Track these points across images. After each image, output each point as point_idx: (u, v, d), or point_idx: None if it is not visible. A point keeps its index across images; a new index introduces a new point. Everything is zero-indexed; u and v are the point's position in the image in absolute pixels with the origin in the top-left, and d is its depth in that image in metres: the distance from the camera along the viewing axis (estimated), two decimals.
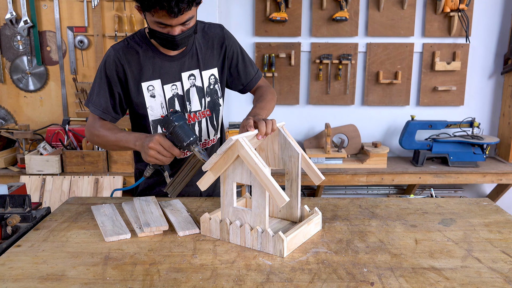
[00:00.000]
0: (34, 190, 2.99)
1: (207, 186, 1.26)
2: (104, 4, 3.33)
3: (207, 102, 1.63)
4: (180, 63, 1.56)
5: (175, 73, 1.56)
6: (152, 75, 1.54)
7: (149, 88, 1.54)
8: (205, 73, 1.61)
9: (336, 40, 3.38)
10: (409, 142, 3.29)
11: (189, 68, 1.58)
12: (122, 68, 1.52)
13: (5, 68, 3.42)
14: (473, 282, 1.02)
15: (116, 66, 1.51)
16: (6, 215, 1.34)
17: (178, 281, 1.03)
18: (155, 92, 1.55)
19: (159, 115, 1.58)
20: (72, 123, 3.37)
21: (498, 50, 3.43)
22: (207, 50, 1.61)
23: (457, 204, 1.54)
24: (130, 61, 1.52)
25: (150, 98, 1.55)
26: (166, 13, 1.31)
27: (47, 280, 1.03)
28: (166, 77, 1.55)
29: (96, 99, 1.55)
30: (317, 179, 1.34)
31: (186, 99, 1.59)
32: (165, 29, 1.39)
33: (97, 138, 1.54)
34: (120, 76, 1.53)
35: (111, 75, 1.52)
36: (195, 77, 1.59)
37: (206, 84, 1.61)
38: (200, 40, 1.60)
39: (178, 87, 1.57)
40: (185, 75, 1.58)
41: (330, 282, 1.02)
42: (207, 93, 1.62)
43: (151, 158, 1.35)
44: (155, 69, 1.54)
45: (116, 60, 1.51)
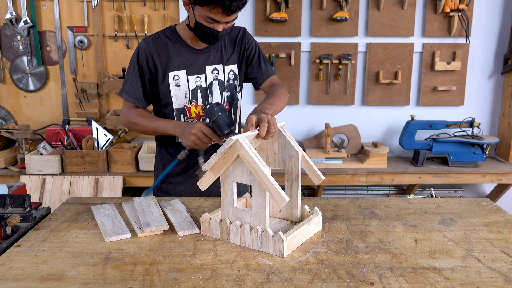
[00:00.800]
0: (34, 190, 2.99)
1: (207, 186, 1.26)
2: (104, 4, 3.34)
3: (227, 96, 1.75)
4: (205, 57, 1.69)
5: (200, 65, 1.69)
6: (179, 66, 1.66)
7: (175, 78, 1.67)
8: (227, 68, 1.73)
9: (336, 40, 3.38)
10: (409, 142, 3.29)
11: (213, 62, 1.71)
12: (152, 58, 1.64)
13: (5, 68, 3.42)
14: (473, 282, 1.02)
15: (146, 56, 1.64)
16: (6, 215, 1.34)
17: (178, 281, 1.03)
18: (180, 82, 1.67)
19: (183, 104, 1.70)
20: (72, 123, 3.37)
21: (498, 50, 3.43)
22: (229, 47, 1.74)
23: (457, 204, 1.54)
24: (159, 52, 1.65)
25: (175, 87, 1.67)
26: (222, 10, 1.45)
27: (47, 280, 1.03)
28: (191, 68, 1.68)
29: (129, 88, 1.67)
30: (317, 179, 1.34)
31: (209, 91, 1.71)
32: (211, 24, 1.51)
33: (135, 126, 1.69)
34: (150, 66, 1.65)
35: (142, 65, 1.65)
36: (218, 71, 1.72)
37: (227, 79, 1.74)
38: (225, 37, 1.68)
39: (202, 80, 1.70)
40: (209, 68, 1.71)
41: (330, 282, 1.02)
42: (227, 87, 1.74)
43: (191, 142, 1.47)
44: (182, 61, 1.66)
45: (146, 51, 1.64)
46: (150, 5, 3.33)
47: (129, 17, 3.32)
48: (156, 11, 3.34)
